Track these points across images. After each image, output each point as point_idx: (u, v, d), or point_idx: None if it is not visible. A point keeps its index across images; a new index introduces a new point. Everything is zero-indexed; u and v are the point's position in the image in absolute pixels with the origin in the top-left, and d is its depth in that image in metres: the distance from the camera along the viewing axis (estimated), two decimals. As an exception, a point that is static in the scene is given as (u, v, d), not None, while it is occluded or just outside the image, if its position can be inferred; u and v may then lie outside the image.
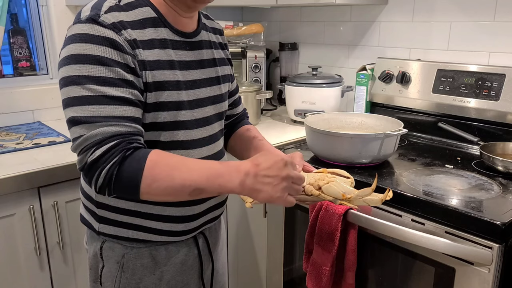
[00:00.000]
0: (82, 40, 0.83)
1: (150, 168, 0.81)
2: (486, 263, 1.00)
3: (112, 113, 0.83)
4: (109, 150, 0.80)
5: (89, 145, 0.81)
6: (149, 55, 0.89)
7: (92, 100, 0.82)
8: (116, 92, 0.83)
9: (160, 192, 0.83)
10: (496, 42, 1.59)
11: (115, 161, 0.80)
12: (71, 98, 0.84)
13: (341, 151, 1.33)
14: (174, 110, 0.93)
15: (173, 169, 0.83)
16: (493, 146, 1.41)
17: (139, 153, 0.83)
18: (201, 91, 1.00)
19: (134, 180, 0.81)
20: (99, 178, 0.81)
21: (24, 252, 1.40)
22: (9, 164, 1.40)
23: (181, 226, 1.00)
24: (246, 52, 2.13)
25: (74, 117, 0.83)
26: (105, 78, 0.83)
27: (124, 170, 0.81)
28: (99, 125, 0.81)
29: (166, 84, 0.91)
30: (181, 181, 0.82)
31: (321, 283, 1.25)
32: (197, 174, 0.83)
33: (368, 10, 1.95)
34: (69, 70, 0.84)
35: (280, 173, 0.85)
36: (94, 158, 0.80)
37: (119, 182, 0.81)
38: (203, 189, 0.83)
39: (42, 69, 2.08)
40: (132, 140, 0.84)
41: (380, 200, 0.95)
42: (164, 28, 0.93)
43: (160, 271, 1.02)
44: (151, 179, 0.81)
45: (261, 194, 0.85)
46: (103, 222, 0.99)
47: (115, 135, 0.82)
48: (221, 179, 0.84)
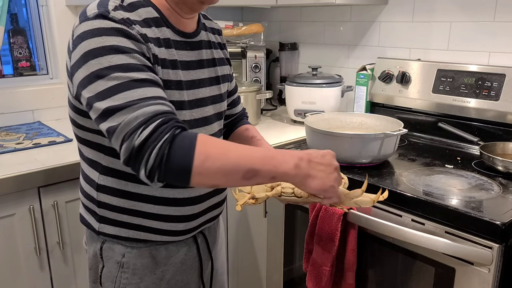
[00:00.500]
0: (94, 35, 0.81)
1: (203, 145, 0.77)
2: (486, 263, 1.00)
3: (145, 94, 0.79)
4: (157, 128, 0.76)
5: (133, 128, 0.76)
6: (158, 52, 0.89)
7: (122, 87, 0.78)
8: (142, 75, 0.81)
9: (213, 172, 0.77)
10: (496, 42, 1.59)
11: (166, 138, 0.75)
12: (99, 93, 0.79)
13: (341, 151, 1.33)
14: (176, 110, 0.93)
15: (226, 148, 0.79)
16: (493, 146, 1.41)
17: (188, 132, 0.78)
18: (201, 91, 1.00)
19: (187, 158, 0.76)
20: (149, 159, 0.75)
21: (24, 252, 1.40)
22: (9, 164, 1.40)
23: (181, 225, 1.00)
24: (246, 52, 2.13)
25: (107, 108, 0.78)
26: (128, 65, 0.80)
27: (176, 147, 0.76)
28: (137, 106, 0.77)
29: (169, 84, 0.92)
30: (236, 160, 0.78)
31: (321, 283, 1.25)
32: (250, 154, 0.80)
33: (368, 10, 1.95)
34: (89, 68, 0.80)
35: (333, 163, 0.85)
36: (142, 139, 0.75)
37: (170, 162, 0.76)
38: (257, 170, 0.79)
39: (42, 69, 2.08)
40: (178, 120, 0.80)
41: (372, 201, 0.93)
42: (166, 28, 0.93)
43: (160, 271, 1.02)
44: (205, 156, 0.76)
45: (315, 181, 0.83)
46: (103, 222, 0.99)
47: (158, 114, 0.77)
48: (275, 161, 0.81)
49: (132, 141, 0.76)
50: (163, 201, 0.97)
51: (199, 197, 1.01)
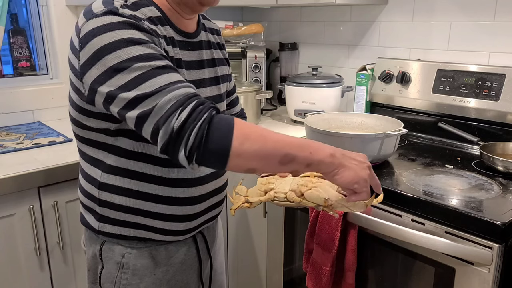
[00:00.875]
0: (107, 30, 0.80)
1: (241, 127, 0.76)
2: (486, 263, 1.00)
3: (171, 79, 0.78)
4: (195, 109, 0.75)
5: (169, 111, 0.75)
6: (168, 49, 0.89)
7: (146, 76, 0.77)
8: (163, 62, 0.80)
9: (251, 154, 0.76)
10: (496, 42, 1.59)
11: (205, 117, 0.74)
12: (123, 85, 0.78)
13: (341, 151, 1.33)
14: None
15: (264, 132, 0.79)
16: (493, 146, 1.41)
17: (223, 115, 0.78)
18: (201, 91, 1.00)
19: (226, 139, 0.75)
20: (189, 139, 0.74)
21: (24, 252, 1.40)
22: (9, 164, 1.40)
23: (182, 225, 1.00)
24: (246, 52, 2.13)
25: (135, 96, 0.77)
26: (148, 54, 0.79)
27: (215, 128, 0.75)
28: (167, 91, 0.76)
29: None
30: (274, 144, 0.78)
31: (321, 283, 1.25)
32: (288, 139, 0.80)
33: (368, 10, 1.95)
34: (105, 63, 0.78)
35: (366, 161, 0.86)
36: (182, 120, 0.74)
37: (209, 142, 0.74)
38: (294, 156, 0.78)
39: (42, 69, 2.08)
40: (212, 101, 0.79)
41: (365, 205, 0.91)
42: (170, 27, 0.93)
43: (160, 271, 1.02)
44: (244, 137, 0.75)
45: (348, 172, 0.83)
46: (104, 221, 0.99)
47: (191, 96, 0.76)
48: (312, 148, 0.81)
49: (170, 124, 0.74)
50: (166, 200, 0.97)
51: (200, 196, 1.01)
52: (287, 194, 0.93)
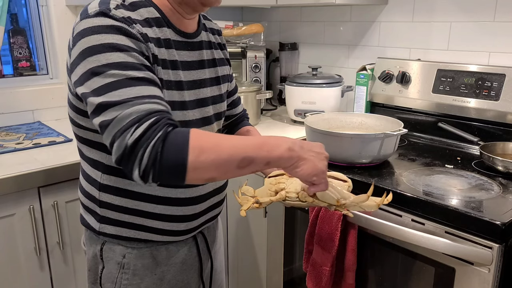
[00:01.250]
0: (94, 32, 0.81)
1: (196, 140, 0.76)
2: (486, 263, 1.00)
3: (140, 92, 0.78)
4: (150, 127, 0.75)
5: (126, 125, 0.75)
6: (158, 53, 0.89)
7: (118, 85, 0.78)
8: (139, 74, 0.80)
9: (208, 164, 0.76)
10: (496, 42, 1.59)
11: (159, 136, 0.74)
12: (95, 89, 0.79)
13: (341, 151, 1.33)
14: (176, 110, 0.93)
15: (219, 140, 0.79)
16: (493, 146, 1.41)
17: (180, 129, 0.78)
18: (202, 91, 1.00)
19: (181, 153, 0.75)
20: (143, 157, 0.74)
21: (24, 252, 1.40)
22: (9, 164, 1.40)
23: (182, 225, 1.00)
24: (246, 52, 2.13)
25: (101, 103, 0.78)
26: (126, 63, 0.80)
27: (170, 144, 0.75)
28: (130, 104, 0.76)
29: (169, 84, 0.92)
30: (229, 150, 0.78)
31: (321, 283, 1.25)
32: (244, 143, 0.80)
33: (368, 10, 1.95)
34: (86, 64, 0.80)
35: (323, 151, 0.87)
36: (135, 137, 0.74)
37: (165, 159, 0.74)
38: (252, 158, 0.79)
39: (42, 69, 2.08)
40: (171, 118, 0.79)
41: (377, 205, 0.92)
42: (167, 28, 0.93)
43: (161, 271, 1.02)
44: (199, 150, 0.75)
45: (307, 165, 0.83)
46: (104, 222, 0.99)
47: (152, 112, 0.77)
48: (269, 146, 0.81)
49: (124, 139, 0.75)
50: (166, 201, 0.97)
51: (200, 196, 1.01)
52: (299, 194, 0.92)
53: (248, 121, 1.29)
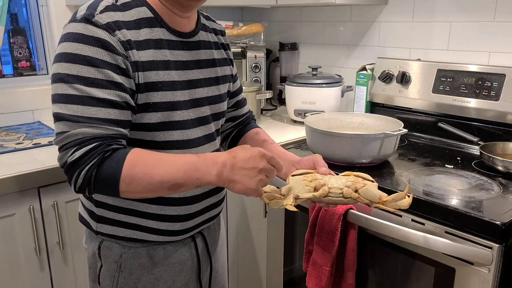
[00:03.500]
0: (74, 40, 0.84)
1: (128, 168, 0.82)
2: (486, 263, 1.00)
3: (95, 114, 0.84)
4: (88, 152, 0.82)
5: (69, 144, 0.82)
6: (143, 56, 0.89)
7: (78, 100, 0.83)
8: (102, 94, 0.84)
9: (139, 190, 0.84)
10: (496, 42, 1.59)
11: (93, 163, 0.81)
12: (58, 94, 0.84)
13: (341, 151, 1.33)
14: (169, 110, 0.93)
15: (151, 167, 0.84)
16: (493, 146, 1.41)
17: (117, 154, 0.84)
18: (198, 91, 1.00)
19: (113, 181, 0.82)
20: (78, 179, 0.82)
21: (24, 252, 1.40)
22: (9, 164, 1.40)
23: (177, 225, 1.00)
24: (246, 52, 2.13)
25: (58, 113, 0.84)
26: (93, 79, 0.84)
27: (103, 171, 0.82)
28: (81, 125, 0.82)
29: (160, 85, 0.91)
30: (160, 178, 0.84)
31: (321, 283, 1.25)
32: (175, 169, 0.85)
33: (368, 10, 1.95)
34: (59, 68, 0.85)
35: (257, 165, 0.87)
36: (73, 159, 0.82)
37: (98, 183, 0.83)
38: (181, 183, 0.85)
39: (42, 69, 2.08)
40: (112, 142, 0.84)
41: (408, 204, 0.95)
42: (160, 28, 0.93)
43: (157, 271, 1.02)
44: (130, 179, 0.83)
45: (237, 186, 0.87)
46: (101, 222, 0.99)
47: (95, 137, 0.83)
48: (198, 173, 0.85)
49: (65, 156, 0.83)
50: (158, 201, 0.97)
51: (195, 197, 1.01)
52: (343, 190, 0.93)
53: (255, 123, 1.28)
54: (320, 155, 1.04)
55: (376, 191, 0.94)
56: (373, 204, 0.94)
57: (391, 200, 0.94)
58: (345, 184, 0.94)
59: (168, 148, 0.95)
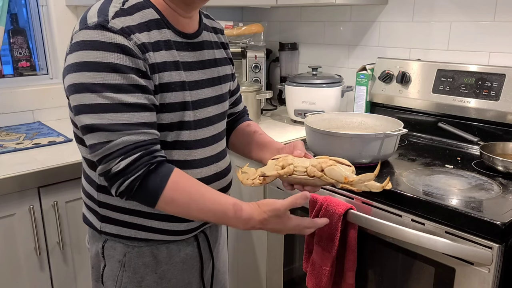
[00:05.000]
0: (93, 47, 0.83)
1: (171, 189, 0.86)
2: (486, 263, 1.00)
3: (130, 120, 0.84)
4: (134, 163, 0.83)
5: (114, 154, 0.83)
6: (157, 57, 0.89)
7: (109, 108, 0.83)
8: (131, 99, 0.84)
9: (173, 212, 0.90)
10: (496, 42, 1.59)
11: (139, 174, 0.84)
12: (86, 105, 0.83)
13: (341, 151, 1.33)
14: (180, 110, 0.94)
15: (191, 199, 0.88)
16: (493, 146, 1.41)
17: (162, 169, 0.86)
18: (203, 91, 1.00)
19: (154, 197, 0.86)
20: (121, 186, 0.84)
21: (24, 252, 1.40)
22: (9, 164, 1.40)
23: (183, 225, 1.00)
24: (246, 52, 2.13)
25: (92, 124, 0.83)
26: (120, 85, 0.83)
27: (147, 185, 0.85)
28: (119, 133, 0.83)
29: (173, 85, 0.92)
30: (195, 213, 0.90)
31: (321, 283, 1.25)
32: (210, 212, 0.90)
33: (368, 10, 1.95)
34: (82, 77, 0.83)
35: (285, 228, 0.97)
36: (119, 169, 0.83)
37: (139, 194, 0.86)
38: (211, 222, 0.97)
39: (42, 69, 2.08)
40: (155, 152, 0.86)
41: (381, 187, 0.96)
42: (167, 29, 0.93)
43: (161, 270, 1.02)
44: (170, 199, 0.86)
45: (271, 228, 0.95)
46: (105, 221, 0.99)
47: (138, 146, 0.84)
48: (228, 223, 0.92)
49: (109, 166, 0.84)
50: None
51: None
52: (307, 169, 0.95)
53: (248, 117, 1.29)
54: (301, 141, 1.08)
55: (342, 172, 0.95)
56: (339, 184, 0.96)
57: (357, 180, 0.95)
58: (311, 163, 0.96)
59: (177, 148, 0.96)
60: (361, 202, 1.23)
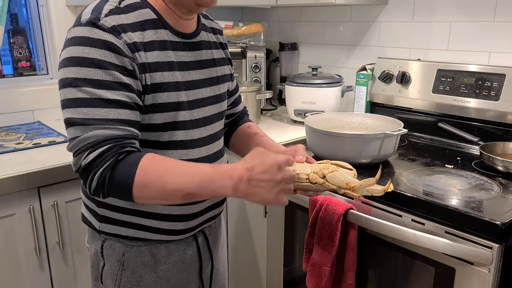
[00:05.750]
0: (81, 43, 0.84)
1: (142, 173, 0.81)
2: (486, 263, 1.00)
3: (106, 116, 0.83)
4: (102, 154, 0.81)
5: (83, 147, 0.82)
6: (149, 57, 0.89)
7: (87, 103, 0.83)
8: (111, 95, 0.84)
9: (152, 196, 0.83)
10: (496, 42, 1.59)
11: (107, 165, 0.81)
12: (67, 99, 0.84)
13: (341, 151, 1.33)
14: (173, 111, 0.94)
15: (165, 174, 0.83)
16: (493, 146, 1.41)
17: (131, 157, 0.83)
18: (201, 91, 1.00)
19: (126, 185, 0.82)
20: (92, 181, 0.82)
21: (24, 252, 1.40)
22: (9, 164, 1.40)
23: (180, 225, 1.01)
24: (246, 52, 2.13)
25: (69, 118, 0.84)
26: (102, 81, 0.83)
27: (116, 174, 0.82)
28: (92, 127, 0.82)
29: (165, 86, 0.92)
30: (173, 186, 0.82)
31: (321, 283, 1.25)
32: (189, 179, 0.83)
33: (368, 10, 1.95)
34: (67, 72, 0.84)
35: (275, 177, 0.84)
36: (87, 162, 0.81)
37: (111, 186, 0.82)
38: (195, 194, 0.83)
39: (42, 69, 2.08)
40: (125, 144, 0.84)
41: (383, 190, 0.95)
42: (164, 29, 0.93)
43: (160, 269, 1.02)
44: (143, 184, 0.81)
45: (256, 198, 0.85)
46: (104, 221, 0.99)
47: (108, 139, 0.82)
48: (214, 185, 0.83)
49: (79, 160, 0.83)
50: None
51: None
52: (309, 176, 0.94)
53: (248, 117, 1.29)
54: (302, 145, 1.04)
55: (344, 177, 0.94)
56: (341, 190, 0.95)
57: (359, 186, 0.94)
58: (313, 170, 0.95)
59: (173, 148, 0.95)
60: (361, 202, 1.23)
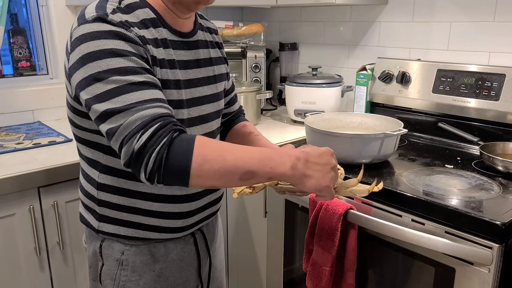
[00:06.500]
0: (93, 38, 0.82)
1: (200, 148, 0.78)
2: (486, 263, 1.00)
3: (143, 97, 0.80)
4: (155, 133, 0.77)
5: (132, 131, 0.78)
6: (155, 53, 0.90)
7: (119, 91, 0.80)
8: (140, 78, 0.82)
9: (211, 174, 0.79)
10: (496, 42, 1.59)
11: (164, 142, 0.77)
12: (97, 96, 0.81)
13: (341, 151, 1.33)
14: (175, 108, 0.94)
15: (224, 151, 0.80)
16: (493, 146, 1.41)
17: (186, 135, 0.80)
18: (198, 90, 1.01)
19: (185, 161, 0.77)
20: (148, 162, 0.77)
21: (24, 252, 1.40)
22: (9, 164, 1.40)
23: (179, 222, 1.01)
24: (246, 52, 2.13)
25: (106, 110, 0.80)
26: (126, 68, 0.81)
27: (174, 151, 0.77)
28: (134, 110, 0.78)
29: (168, 83, 0.92)
30: (233, 162, 0.79)
31: (321, 283, 1.25)
32: (248, 155, 0.81)
33: (368, 10, 1.95)
34: (87, 70, 0.82)
35: (330, 162, 0.86)
36: (141, 143, 0.77)
37: (169, 165, 0.78)
38: (254, 172, 0.81)
39: (42, 69, 2.08)
40: (175, 123, 0.81)
41: (367, 191, 0.93)
42: (163, 28, 0.94)
43: (159, 268, 1.03)
44: (202, 158, 0.78)
45: (311, 181, 0.84)
46: (103, 221, 0.99)
47: (155, 117, 0.79)
48: (273, 162, 0.82)
49: (131, 145, 0.78)
50: (162, 198, 0.97)
51: (196, 194, 1.02)
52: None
53: (244, 117, 1.29)
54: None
55: None
56: None
57: (340, 187, 0.93)
58: None
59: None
60: (361, 202, 1.23)
